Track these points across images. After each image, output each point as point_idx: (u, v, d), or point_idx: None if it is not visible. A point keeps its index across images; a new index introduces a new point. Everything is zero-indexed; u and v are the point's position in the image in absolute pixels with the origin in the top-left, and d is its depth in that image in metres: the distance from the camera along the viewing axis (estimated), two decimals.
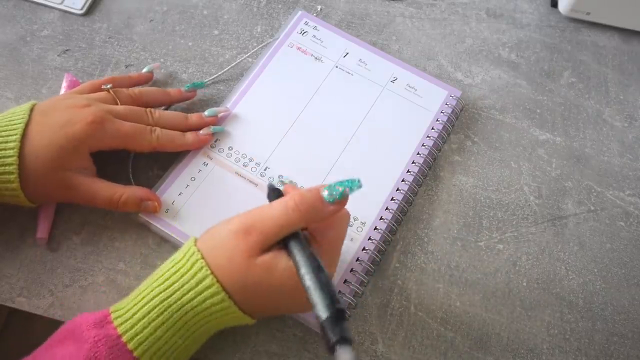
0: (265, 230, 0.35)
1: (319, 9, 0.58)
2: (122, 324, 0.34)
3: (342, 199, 0.35)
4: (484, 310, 0.45)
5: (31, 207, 0.42)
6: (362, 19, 0.58)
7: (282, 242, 0.36)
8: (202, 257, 0.35)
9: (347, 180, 0.35)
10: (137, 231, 0.45)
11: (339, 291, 0.43)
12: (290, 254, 0.35)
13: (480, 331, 0.44)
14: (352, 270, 0.44)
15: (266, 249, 0.35)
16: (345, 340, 0.28)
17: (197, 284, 0.35)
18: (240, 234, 0.35)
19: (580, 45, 0.59)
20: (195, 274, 0.35)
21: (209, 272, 0.35)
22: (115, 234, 0.45)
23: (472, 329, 0.44)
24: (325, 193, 0.35)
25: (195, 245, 0.36)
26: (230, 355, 0.41)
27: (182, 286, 0.35)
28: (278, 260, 0.35)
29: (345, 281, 0.44)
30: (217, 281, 0.35)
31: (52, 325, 0.36)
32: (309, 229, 0.38)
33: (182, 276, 0.35)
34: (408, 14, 0.59)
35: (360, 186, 0.34)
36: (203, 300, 0.35)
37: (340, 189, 0.35)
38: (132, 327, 0.34)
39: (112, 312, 0.35)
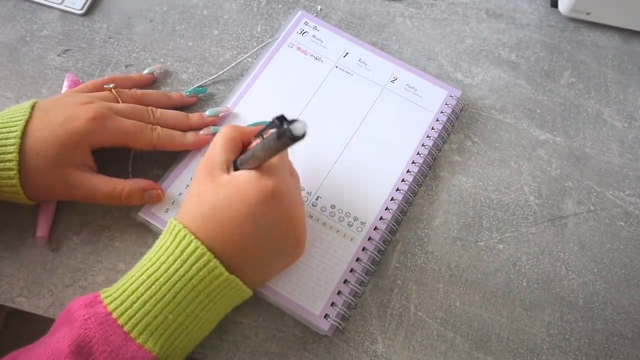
0: (217, 156, 0.39)
1: (319, 9, 0.58)
2: (111, 302, 0.34)
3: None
4: (484, 310, 0.45)
5: (30, 205, 0.42)
6: (362, 19, 0.58)
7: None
8: (184, 227, 0.36)
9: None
10: (137, 231, 0.45)
11: (339, 291, 0.43)
12: (241, 164, 0.39)
13: (480, 331, 0.44)
14: (352, 270, 0.44)
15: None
16: (294, 120, 0.31)
17: (181, 252, 0.35)
18: (202, 174, 0.39)
19: (580, 45, 0.59)
20: (179, 242, 0.36)
21: (192, 237, 0.36)
22: (115, 234, 0.45)
23: (472, 329, 0.44)
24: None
25: (176, 219, 0.38)
26: (230, 355, 0.41)
27: (168, 258, 0.36)
28: (236, 174, 0.38)
29: (345, 281, 0.44)
30: (202, 243, 0.35)
31: (51, 325, 0.36)
32: None
33: (166, 249, 0.36)
34: (408, 14, 0.59)
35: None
36: (189, 267, 0.35)
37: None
38: (121, 303, 0.34)
39: (101, 293, 0.35)
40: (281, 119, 0.33)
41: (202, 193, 0.38)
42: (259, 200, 0.36)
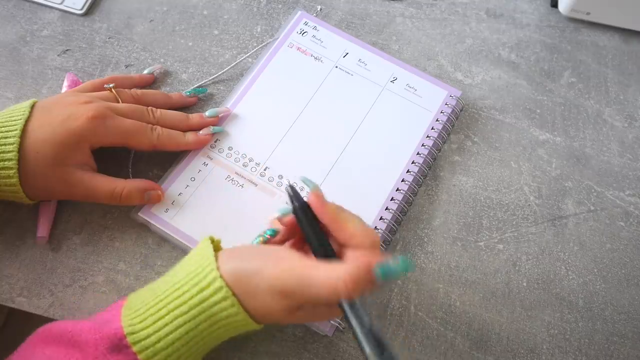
0: (307, 298, 0.33)
1: (319, 9, 0.58)
2: (142, 351, 0.32)
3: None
4: (484, 310, 0.45)
5: (30, 204, 0.42)
6: (362, 19, 0.58)
7: None
8: (227, 285, 0.33)
9: (402, 262, 0.32)
10: (137, 231, 0.45)
11: None
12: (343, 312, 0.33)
13: (480, 331, 0.44)
14: None
15: None
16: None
17: (211, 295, 0.33)
18: (280, 296, 0.33)
19: (580, 45, 0.59)
20: (215, 292, 0.33)
21: (230, 293, 0.33)
22: (115, 234, 0.45)
23: (472, 329, 0.44)
24: (378, 272, 0.32)
25: (218, 269, 0.34)
26: (230, 355, 0.41)
27: (201, 303, 0.33)
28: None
29: None
30: (234, 294, 0.33)
31: None
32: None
33: (200, 291, 0.33)
34: (408, 14, 0.59)
35: (413, 269, 0.34)
36: (218, 311, 0.33)
37: (395, 269, 0.32)
38: (152, 352, 0.33)
39: (127, 335, 0.32)
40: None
41: (272, 315, 0.34)
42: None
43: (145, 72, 0.51)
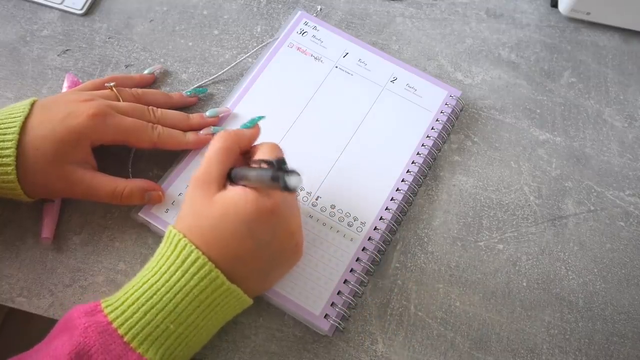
0: (213, 170, 0.38)
1: (319, 9, 0.58)
2: (112, 311, 0.34)
3: (253, 124, 0.43)
4: (484, 310, 0.45)
5: (29, 202, 0.42)
6: (362, 19, 0.58)
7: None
8: (184, 237, 0.36)
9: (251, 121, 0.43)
10: (137, 231, 0.45)
11: (339, 291, 0.43)
12: (236, 178, 0.39)
13: (480, 331, 0.44)
14: (352, 270, 0.44)
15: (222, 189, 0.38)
16: (292, 171, 0.32)
17: (182, 262, 0.35)
18: (197, 188, 0.38)
19: (580, 45, 0.59)
20: (180, 252, 0.36)
21: (193, 247, 0.35)
22: (115, 234, 0.45)
23: (472, 329, 0.44)
24: (240, 126, 0.43)
25: (175, 228, 0.37)
26: (230, 355, 0.41)
27: (169, 268, 0.35)
28: (233, 191, 0.37)
29: (345, 281, 0.44)
30: (203, 253, 0.35)
31: (50, 325, 0.36)
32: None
33: (167, 259, 0.36)
34: (408, 14, 0.59)
35: (261, 118, 0.43)
36: (190, 278, 0.35)
37: (250, 120, 0.43)
38: (122, 313, 0.34)
39: (102, 302, 0.35)
40: (281, 163, 0.34)
41: (198, 209, 0.37)
42: (257, 218, 0.36)
43: (146, 72, 0.51)
